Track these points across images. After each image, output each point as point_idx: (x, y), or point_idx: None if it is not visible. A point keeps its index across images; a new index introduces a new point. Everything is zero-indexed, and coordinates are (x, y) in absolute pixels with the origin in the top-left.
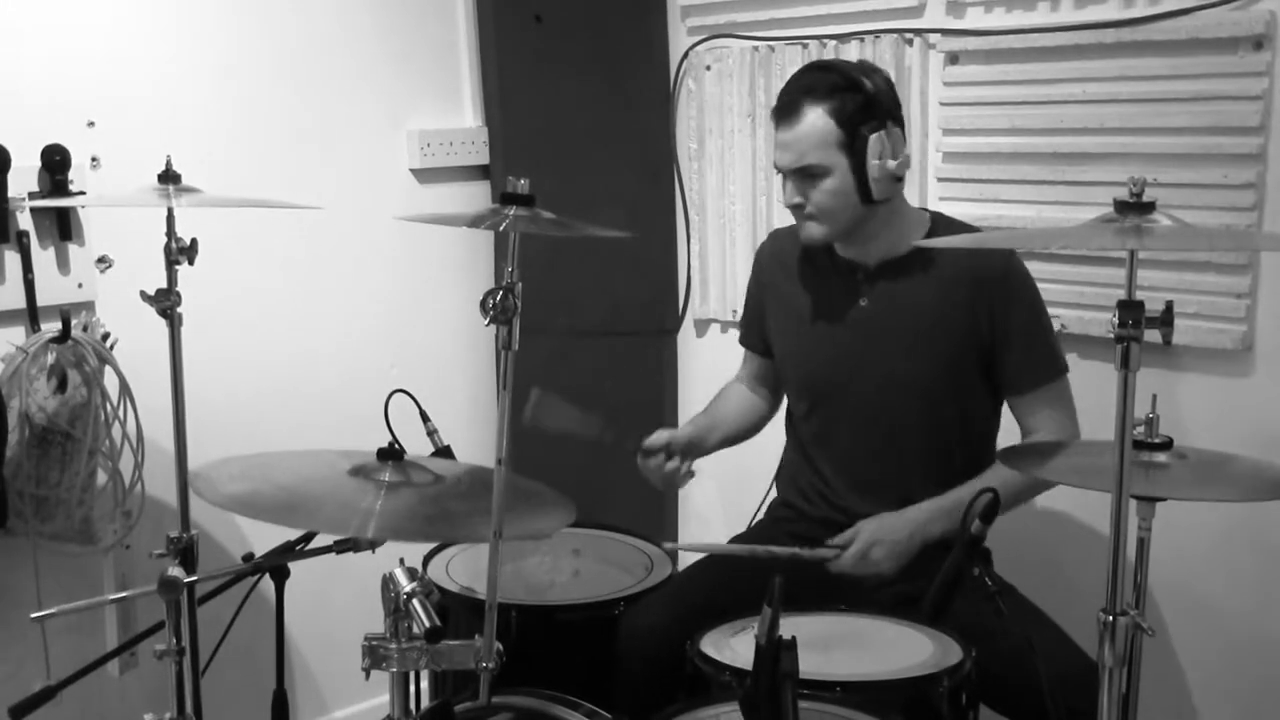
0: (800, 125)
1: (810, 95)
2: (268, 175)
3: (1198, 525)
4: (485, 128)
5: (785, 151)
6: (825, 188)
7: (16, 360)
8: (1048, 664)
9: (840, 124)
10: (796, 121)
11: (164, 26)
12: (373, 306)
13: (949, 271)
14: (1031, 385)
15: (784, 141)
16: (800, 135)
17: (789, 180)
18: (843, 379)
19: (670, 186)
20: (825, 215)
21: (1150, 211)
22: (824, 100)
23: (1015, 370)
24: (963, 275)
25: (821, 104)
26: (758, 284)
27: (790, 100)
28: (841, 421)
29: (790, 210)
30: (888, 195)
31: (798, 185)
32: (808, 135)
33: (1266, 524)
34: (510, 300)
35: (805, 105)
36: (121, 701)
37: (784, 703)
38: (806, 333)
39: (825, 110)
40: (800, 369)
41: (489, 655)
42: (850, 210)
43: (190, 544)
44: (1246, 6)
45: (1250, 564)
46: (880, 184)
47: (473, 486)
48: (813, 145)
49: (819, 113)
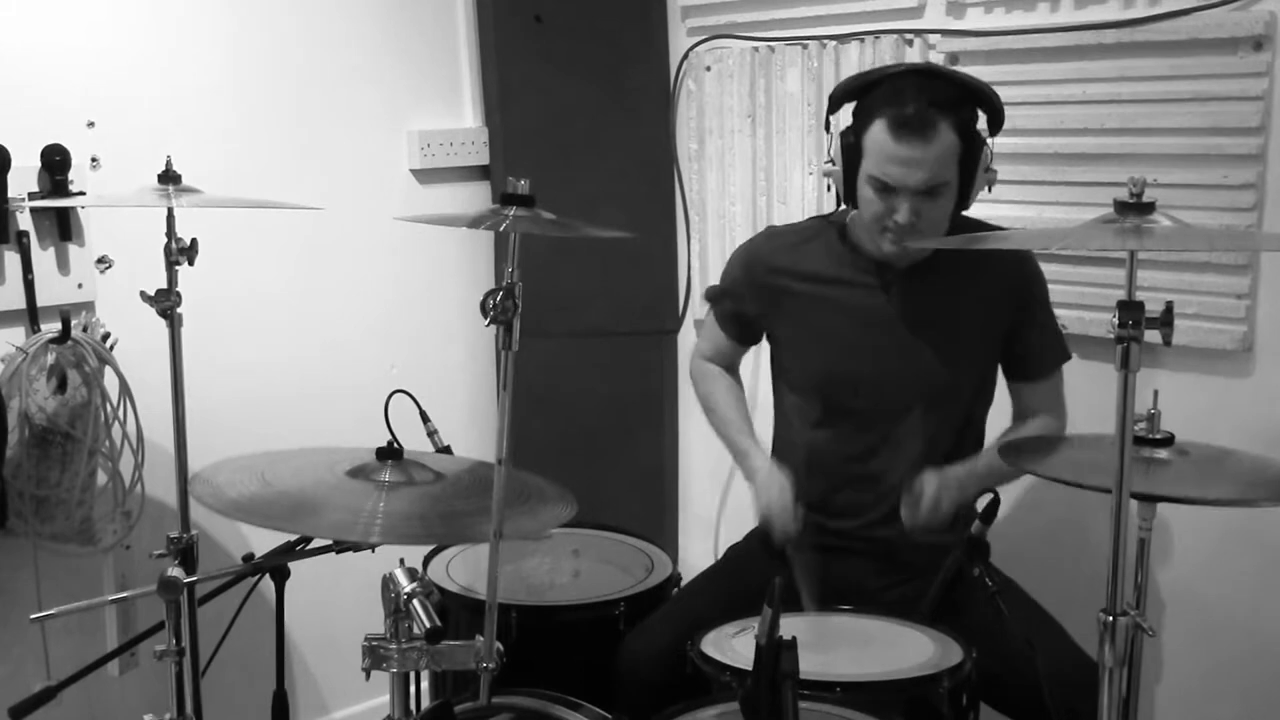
0: (935, 143)
1: (938, 109)
2: (268, 175)
3: (1198, 525)
4: (485, 128)
5: (916, 169)
6: (941, 205)
7: (16, 360)
8: (1048, 664)
9: (962, 138)
10: (932, 138)
11: (164, 27)
12: (373, 307)
13: (972, 271)
14: (1040, 373)
15: (914, 159)
16: (935, 153)
17: (906, 197)
18: (867, 374)
19: (670, 187)
20: (933, 230)
21: (1150, 212)
22: (952, 114)
23: (1033, 359)
24: (985, 275)
25: (950, 118)
26: (751, 282)
27: (923, 115)
28: (860, 416)
29: (884, 227)
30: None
31: (916, 203)
32: (942, 153)
33: (1266, 524)
34: (510, 301)
35: (939, 121)
36: (121, 702)
37: (784, 703)
38: (824, 332)
39: (951, 125)
40: (817, 370)
41: (489, 656)
42: (948, 223)
43: (190, 544)
44: (1246, 7)
45: (1250, 564)
46: (976, 195)
47: (474, 484)
48: (945, 164)
49: (949, 129)
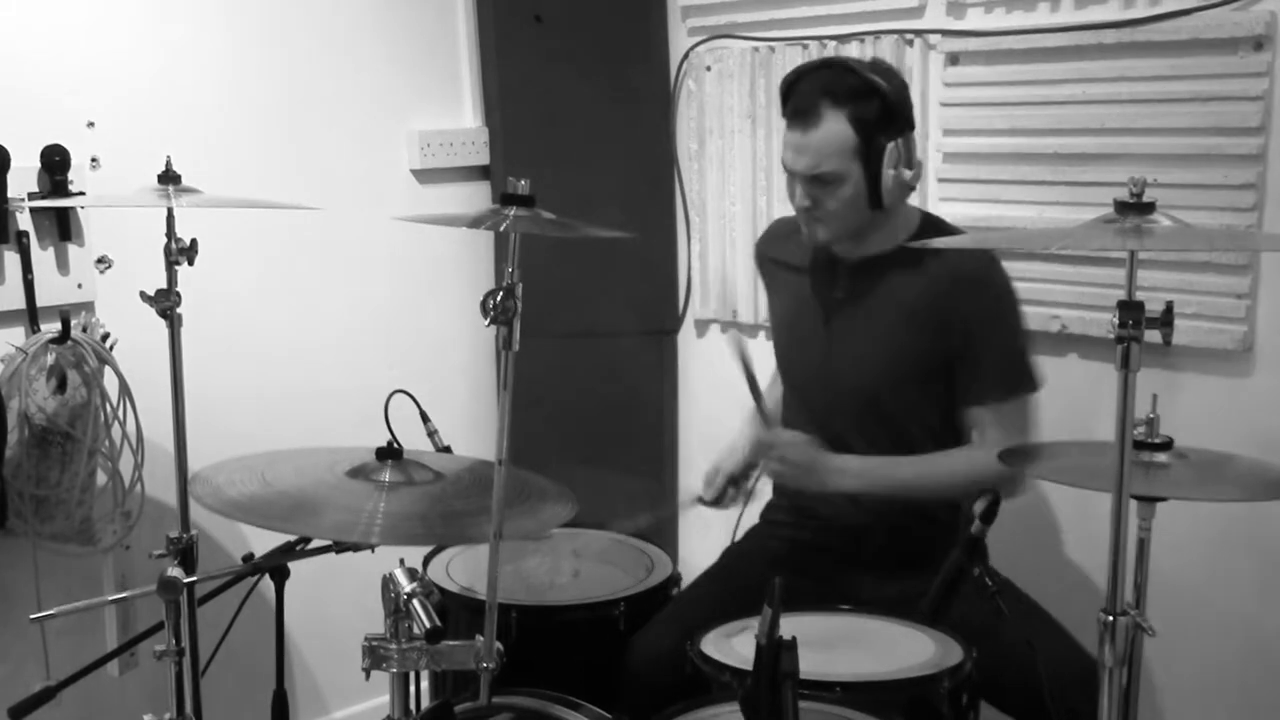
0: (819, 131)
1: (830, 98)
2: (268, 175)
3: (1198, 525)
4: (485, 128)
5: (801, 155)
6: (838, 195)
7: (16, 360)
8: (1048, 664)
9: (859, 132)
10: (815, 126)
11: (164, 27)
12: (373, 307)
13: (929, 271)
14: (979, 399)
15: (799, 144)
16: (819, 141)
17: (800, 183)
18: (815, 367)
19: (670, 187)
20: (834, 220)
21: (1150, 212)
22: (844, 105)
23: (968, 379)
24: (941, 276)
25: (842, 109)
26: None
27: (809, 103)
28: (815, 409)
29: (797, 211)
30: (896, 202)
31: (809, 189)
32: (827, 142)
33: (1266, 524)
34: (510, 301)
35: (825, 109)
36: (121, 702)
37: (784, 703)
38: (790, 321)
39: (845, 116)
40: (784, 356)
41: (489, 656)
42: (859, 216)
43: (190, 544)
44: (1247, 7)
45: (1250, 564)
46: (892, 193)
47: (474, 484)
48: (831, 153)
49: (839, 118)
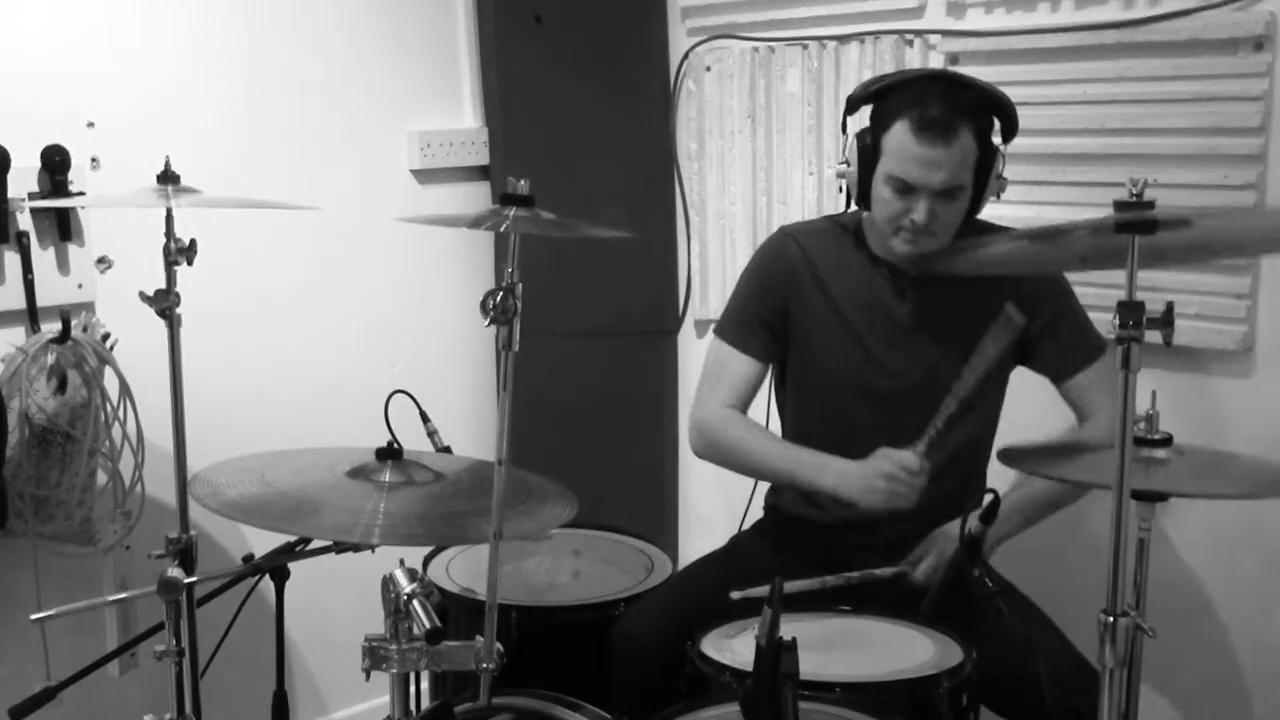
0: (956, 145)
1: (962, 115)
2: (268, 175)
3: (1198, 525)
4: (485, 128)
5: (937, 170)
6: (956, 207)
7: (16, 361)
8: (1048, 665)
9: (979, 145)
10: (954, 141)
11: (164, 27)
12: (373, 307)
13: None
14: (1077, 366)
15: (937, 159)
16: (955, 156)
17: (925, 197)
18: (885, 379)
19: (670, 187)
20: (945, 232)
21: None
22: (972, 119)
23: (1058, 354)
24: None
25: (970, 123)
26: (776, 285)
27: (947, 118)
28: (869, 422)
29: (898, 227)
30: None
31: (933, 203)
32: (962, 156)
33: (1266, 524)
34: (510, 301)
35: (960, 125)
36: (121, 702)
37: (784, 703)
38: (849, 332)
39: (971, 131)
40: (841, 368)
41: (489, 656)
42: (959, 226)
43: (190, 545)
44: (1247, 7)
45: (1250, 564)
46: (986, 200)
47: (474, 484)
48: (965, 166)
49: (967, 133)
